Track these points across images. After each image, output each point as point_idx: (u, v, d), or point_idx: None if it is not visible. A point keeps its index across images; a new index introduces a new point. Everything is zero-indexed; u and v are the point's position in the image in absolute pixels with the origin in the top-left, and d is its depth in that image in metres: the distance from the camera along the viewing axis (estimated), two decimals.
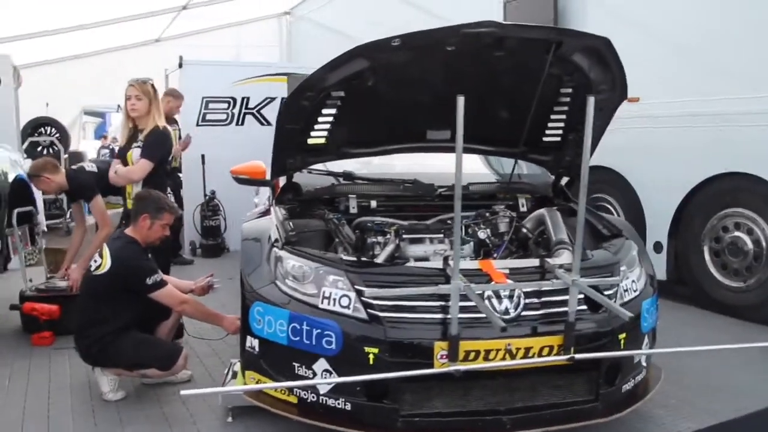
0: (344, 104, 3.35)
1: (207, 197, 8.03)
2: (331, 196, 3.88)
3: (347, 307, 2.84)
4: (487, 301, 2.82)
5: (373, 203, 3.82)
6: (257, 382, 3.12)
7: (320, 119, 3.46)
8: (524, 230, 3.67)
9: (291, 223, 3.39)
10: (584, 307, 2.92)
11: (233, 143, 8.13)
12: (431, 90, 3.43)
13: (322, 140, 3.62)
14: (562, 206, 3.96)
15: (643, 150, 6.09)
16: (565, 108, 3.63)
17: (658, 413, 3.46)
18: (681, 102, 5.57)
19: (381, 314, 2.80)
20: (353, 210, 3.78)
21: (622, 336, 2.98)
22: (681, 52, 5.76)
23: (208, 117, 8.27)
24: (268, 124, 8.51)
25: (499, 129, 3.73)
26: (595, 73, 3.34)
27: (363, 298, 2.83)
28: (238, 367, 3.43)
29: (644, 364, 3.27)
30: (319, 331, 2.84)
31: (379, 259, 3.28)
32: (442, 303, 2.79)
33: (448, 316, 2.75)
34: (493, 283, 2.85)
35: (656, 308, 3.33)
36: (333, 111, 3.40)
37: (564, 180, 4.12)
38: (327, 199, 3.88)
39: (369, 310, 2.81)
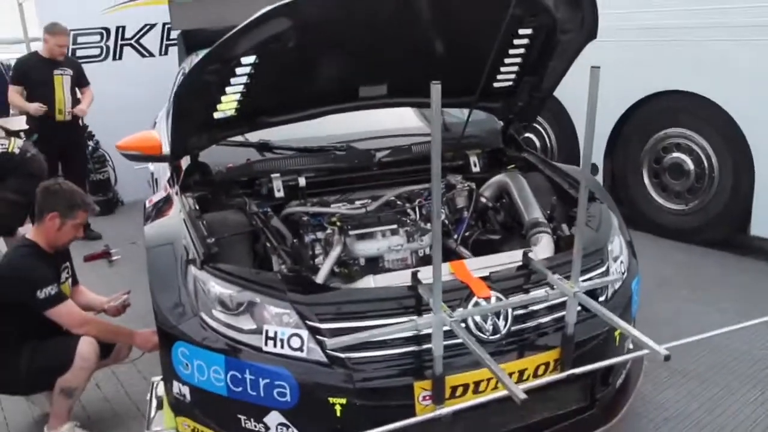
0: (258, 69, 2.64)
1: (90, 147, 7.00)
2: (248, 177, 3.20)
3: (299, 349, 2.25)
4: (470, 321, 2.31)
5: (302, 180, 3.17)
6: (193, 430, 2.53)
7: (228, 90, 2.73)
8: (483, 200, 3.18)
9: (205, 225, 2.71)
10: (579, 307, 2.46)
11: (112, 81, 7.15)
12: (364, 41, 2.77)
13: (232, 111, 2.91)
14: (519, 164, 3.47)
15: (575, 67, 5.66)
16: (522, 51, 3.06)
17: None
18: (616, 14, 5.07)
19: (343, 355, 2.23)
20: (278, 193, 3.12)
21: (617, 332, 2.57)
22: None
23: (79, 53, 7.09)
24: (150, 55, 7.54)
25: (448, 77, 3.11)
26: (563, 12, 2.80)
27: (318, 337, 2.25)
28: (161, 389, 2.81)
29: (631, 346, 2.90)
30: (267, 380, 2.25)
31: (325, 267, 2.69)
32: (416, 332, 2.25)
33: (426, 347, 2.23)
34: (476, 301, 2.32)
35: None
36: (244, 79, 2.68)
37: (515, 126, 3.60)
38: (244, 181, 3.20)
39: (328, 351, 2.23)
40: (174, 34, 6.25)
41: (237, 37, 2.37)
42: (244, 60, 2.55)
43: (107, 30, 7.25)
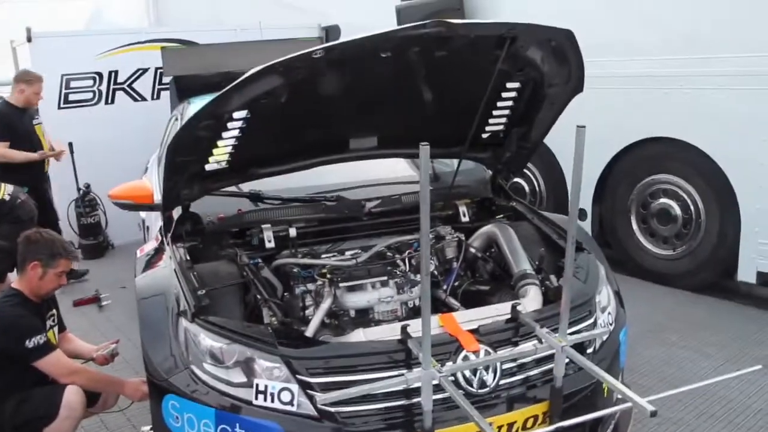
0: (250, 123, 2.68)
1: (81, 191, 7.01)
2: (239, 228, 3.22)
3: (290, 403, 2.25)
4: (459, 374, 2.32)
5: (293, 231, 3.20)
6: None
7: (220, 143, 2.77)
8: (473, 250, 3.21)
9: (196, 276, 2.73)
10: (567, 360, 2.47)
11: (105, 125, 7.21)
12: (355, 96, 2.83)
13: (224, 163, 2.94)
14: (508, 214, 3.51)
15: (564, 112, 5.76)
16: (510, 103, 3.12)
17: None
18: (602, 62, 5.17)
19: (333, 409, 2.23)
20: (269, 243, 3.15)
21: (605, 384, 2.57)
22: (604, 10, 5.36)
23: (72, 97, 7.17)
24: (143, 99, 7.60)
25: (438, 129, 3.18)
26: (550, 67, 2.86)
27: (309, 391, 2.25)
28: None
29: (620, 396, 2.90)
30: None
31: (316, 319, 2.69)
32: (406, 386, 2.26)
33: (415, 400, 2.23)
34: (465, 354, 2.33)
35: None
36: (236, 132, 2.72)
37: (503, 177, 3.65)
38: (235, 231, 3.22)
39: (318, 405, 2.23)
40: (167, 79, 6.31)
41: (230, 94, 2.42)
42: (236, 115, 2.60)
43: (100, 74, 7.29)
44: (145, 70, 7.50)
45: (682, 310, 4.90)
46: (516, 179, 6.19)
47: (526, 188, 6.41)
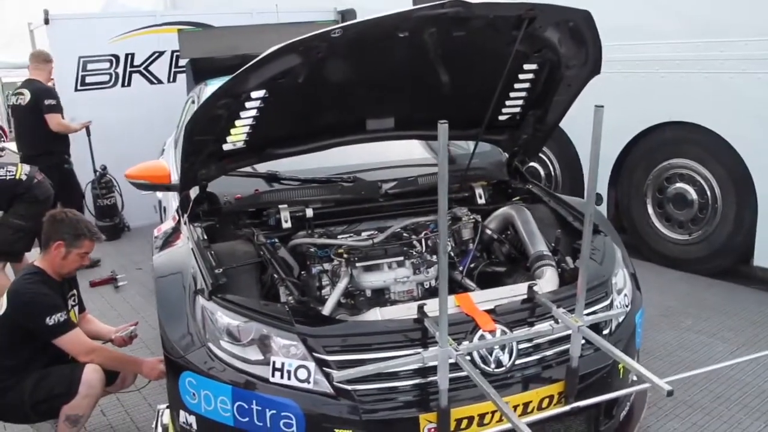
0: (268, 103, 2.69)
1: (98, 173, 7.06)
2: (256, 208, 3.23)
3: (306, 380, 2.27)
4: (475, 354, 2.33)
5: (309, 212, 3.20)
6: None
7: (238, 122, 2.78)
8: (489, 232, 3.22)
9: (213, 255, 2.75)
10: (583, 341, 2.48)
11: (121, 107, 7.26)
12: (373, 77, 2.83)
13: (241, 143, 2.96)
14: (524, 196, 3.51)
15: (580, 98, 5.71)
16: (527, 85, 3.11)
17: None
18: (620, 46, 5.13)
19: (350, 387, 2.25)
20: (286, 223, 3.16)
21: (621, 365, 2.58)
22: None
23: (88, 80, 7.21)
24: (159, 82, 7.62)
25: (455, 111, 3.17)
26: (567, 48, 2.84)
27: (325, 369, 2.27)
28: (167, 417, 2.82)
29: (635, 378, 2.91)
30: (273, 411, 2.27)
31: (332, 298, 2.71)
32: (422, 365, 2.27)
33: (431, 379, 2.25)
34: (482, 334, 2.34)
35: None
36: (254, 112, 2.73)
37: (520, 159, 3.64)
38: (252, 211, 3.24)
39: (335, 383, 2.25)
40: (182, 61, 6.33)
41: (248, 73, 2.42)
42: (254, 94, 2.60)
43: (117, 57, 7.33)
44: (161, 53, 7.53)
45: (696, 295, 4.88)
46: (531, 163, 6.15)
47: (542, 172, 6.39)
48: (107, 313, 4.89)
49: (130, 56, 7.40)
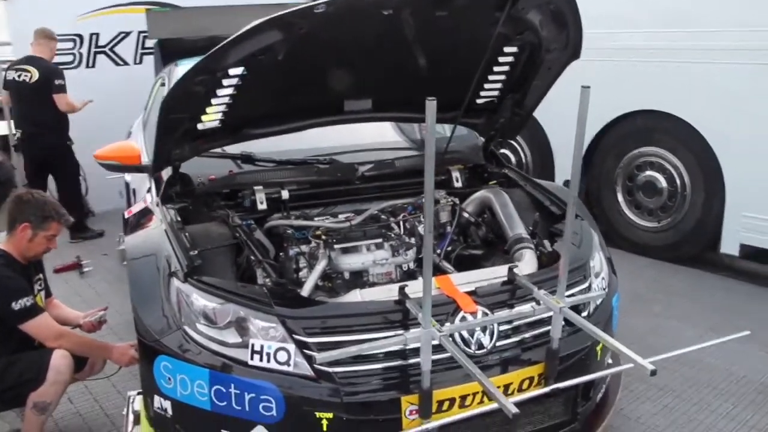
0: (245, 81, 2.63)
1: None
2: (231, 189, 3.17)
3: (286, 363, 2.23)
4: (456, 335, 2.31)
5: (285, 193, 3.15)
6: None
7: (214, 101, 2.71)
8: (466, 215, 3.21)
9: (188, 236, 2.68)
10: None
11: (85, 89, 6.98)
12: (352, 56, 2.79)
13: (217, 122, 2.89)
14: (500, 180, 3.50)
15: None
16: (507, 68, 3.10)
17: None
18: (594, 35, 5.13)
19: (330, 369, 2.22)
20: (261, 205, 3.10)
21: (599, 347, 2.60)
22: None
23: None
24: (125, 63, 7.42)
25: (433, 93, 3.14)
26: (548, 31, 2.84)
27: (306, 351, 2.23)
28: (138, 403, 2.76)
29: (610, 361, 2.93)
30: (252, 395, 2.23)
31: (310, 280, 2.67)
32: (403, 347, 2.25)
33: (412, 361, 2.23)
34: (463, 316, 2.33)
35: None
36: (230, 91, 2.66)
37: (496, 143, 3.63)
38: (226, 193, 3.18)
39: (315, 365, 2.21)
40: (150, 43, 6.19)
41: (228, 49, 2.36)
42: (232, 71, 2.54)
43: (81, 37, 7.11)
44: (128, 34, 7.34)
45: (664, 281, 4.95)
46: (502, 150, 6.18)
47: (512, 158, 6.41)
48: (72, 299, 4.73)
49: (95, 36, 7.19)
